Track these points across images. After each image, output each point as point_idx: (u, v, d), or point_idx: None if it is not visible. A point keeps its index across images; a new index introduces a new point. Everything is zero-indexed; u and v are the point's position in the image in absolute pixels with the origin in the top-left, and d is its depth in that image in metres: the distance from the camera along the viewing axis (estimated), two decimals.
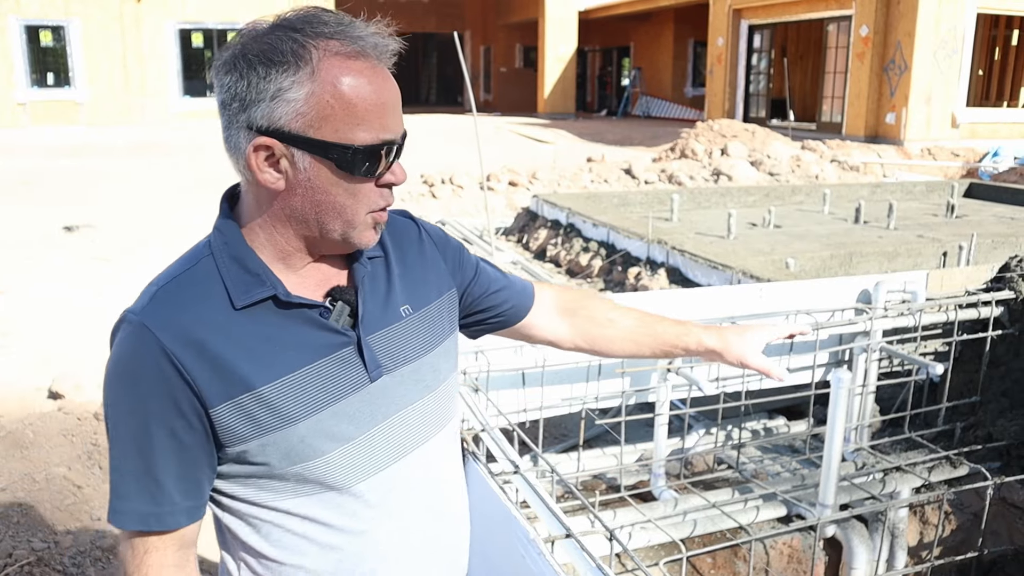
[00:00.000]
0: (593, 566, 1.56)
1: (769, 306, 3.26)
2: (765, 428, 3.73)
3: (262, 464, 1.12)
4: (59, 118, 21.11)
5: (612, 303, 1.58)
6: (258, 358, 1.09)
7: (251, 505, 1.16)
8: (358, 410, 1.16)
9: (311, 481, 1.14)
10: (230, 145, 1.09)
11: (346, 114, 1.05)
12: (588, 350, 1.57)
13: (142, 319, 1.07)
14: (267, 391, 1.09)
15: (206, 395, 1.07)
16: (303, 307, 1.13)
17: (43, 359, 4.92)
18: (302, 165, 1.07)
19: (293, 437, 1.11)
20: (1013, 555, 3.30)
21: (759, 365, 1.51)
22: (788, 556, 3.07)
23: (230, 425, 1.09)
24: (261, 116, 1.04)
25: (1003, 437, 3.45)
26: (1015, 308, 3.53)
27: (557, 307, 1.54)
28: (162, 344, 1.05)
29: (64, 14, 20.93)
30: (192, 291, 1.10)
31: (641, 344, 1.55)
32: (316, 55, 1.04)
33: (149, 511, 1.09)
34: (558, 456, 3.45)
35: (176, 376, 1.05)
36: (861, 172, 13.37)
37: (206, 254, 1.13)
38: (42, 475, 3.35)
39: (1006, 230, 7.51)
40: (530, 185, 11.68)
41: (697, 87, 26.88)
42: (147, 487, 1.09)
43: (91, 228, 8.96)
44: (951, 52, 15.95)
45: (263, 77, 1.03)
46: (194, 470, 1.11)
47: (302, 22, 1.06)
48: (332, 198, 1.09)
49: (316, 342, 1.13)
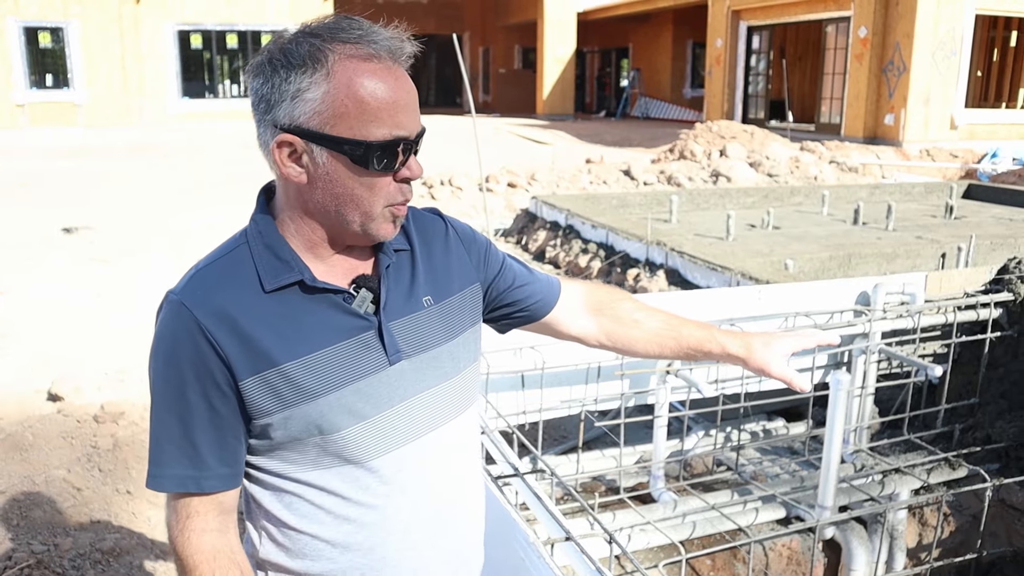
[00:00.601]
0: (592, 568, 1.56)
1: (768, 308, 3.27)
2: (764, 430, 3.73)
3: (284, 436, 1.20)
4: (58, 119, 21.11)
5: (639, 303, 1.61)
6: (284, 337, 1.18)
7: (274, 476, 1.25)
8: (376, 390, 1.23)
9: (329, 454, 1.22)
10: (261, 142, 1.20)
11: (360, 112, 1.14)
12: (612, 348, 1.60)
13: (181, 298, 1.17)
14: (291, 367, 1.18)
15: (236, 368, 1.16)
16: (328, 292, 1.21)
17: (42, 361, 4.92)
18: (321, 160, 1.16)
19: (314, 412, 1.19)
20: (1012, 556, 3.30)
21: (782, 374, 1.50)
22: (787, 558, 3.07)
23: (256, 398, 1.18)
24: (284, 115, 1.14)
25: (1002, 439, 3.45)
26: (1014, 310, 3.54)
27: (584, 305, 1.58)
28: (198, 320, 1.15)
29: (63, 15, 20.93)
30: (227, 274, 1.20)
31: (664, 347, 1.57)
32: (332, 58, 1.13)
33: (187, 474, 1.19)
34: (557, 458, 3.45)
35: (210, 349, 1.15)
36: (860, 173, 13.38)
37: (242, 242, 1.22)
38: (41, 477, 3.35)
39: (1005, 231, 7.52)
40: (529, 186, 11.68)
41: (696, 88, 26.89)
42: (185, 452, 1.18)
43: (90, 230, 8.96)
44: (950, 53, 15.96)
45: (284, 79, 1.13)
46: (229, 438, 1.20)
47: (321, 28, 1.15)
48: (349, 191, 1.17)
49: (339, 325, 1.21)
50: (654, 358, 1.63)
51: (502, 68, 31.45)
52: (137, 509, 3.33)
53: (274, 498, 1.26)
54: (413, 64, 1.22)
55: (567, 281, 1.60)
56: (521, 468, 2.00)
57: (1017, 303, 3.53)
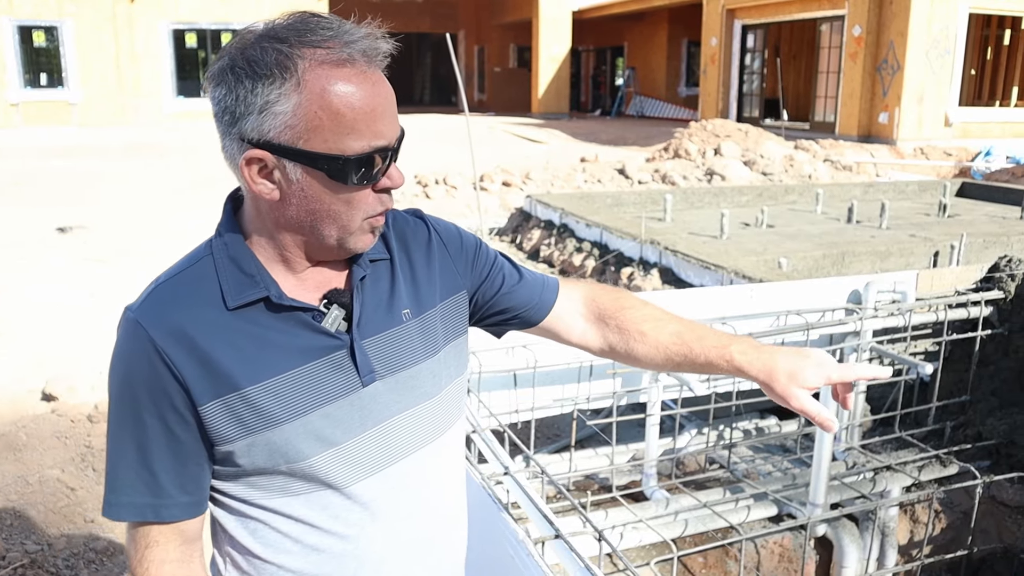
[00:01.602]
0: (582, 566, 1.57)
1: (760, 307, 3.28)
2: (756, 428, 3.75)
3: (248, 464, 1.13)
4: (52, 119, 21.07)
5: (648, 311, 1.43)
6: (247, 358, 1.10)
7: (240, 502, 1.17)
8: (347, 414, 1.15)
9: (298, 481, 1.15)
10: (227, 156, 1.11)
11: (335, 124, 1.04)
12: (617, 359, 1.48)
13: (136, 316, 1.10)
14: (253, 391, 1.10)
15: (195, 392, 1.09)
16: (296, 310, 1.13)
17: (36, 361, 4.92)
18: (294, 176, 1.07)
19: (277, 439, 1.11)
20: (1002, 553, 3.32)
21: (802, 408, 1.24)
22: (779, 555, 3.08)
23: (217, 424, 1.10)
24: (251, 129, 1.05)
25: (992, 436, 3.47)
26: (1004, 308, 3.56)
27: (587, 311, 1.46)
28: (153, 340, 1.08)
29: (57, 14, 20.89)
30: (188, 290, 1.12)
31: (671, 362, 1.40)
32: (302, 65, 1.03)
33: (145, 502, 1.12)
34: (550, 457, 3.46)
35: (167, 372, 1.08)
36: (854, 172, 13.41)
37: (206, 254, 1.14)
38: (35, 477, 3.35)
39: (998, 229, 7.55)
40: (524, 185, 11.69)
41: (691, 87, 26.92)
42: (142, 479, 1.11)
43: (84, 229, 8.95)
44: (943, 52, 16.00)
45: (250, 90, 1.03)
46: (190, 464, 1.12)
47: (287, 31, 1.05)
48: (327, 207, 1.09)
49: (308, 345, 1.13)
50: (665, 371, 1.50)
51: (497, 67, 31.45)
52: None
53: (239, 524, 1.18)
54: (408, 63, 1.14)
55: (568, 283, 1.48)
56: (512, 467, 2.01)
57: (1007, 301, 3.55)
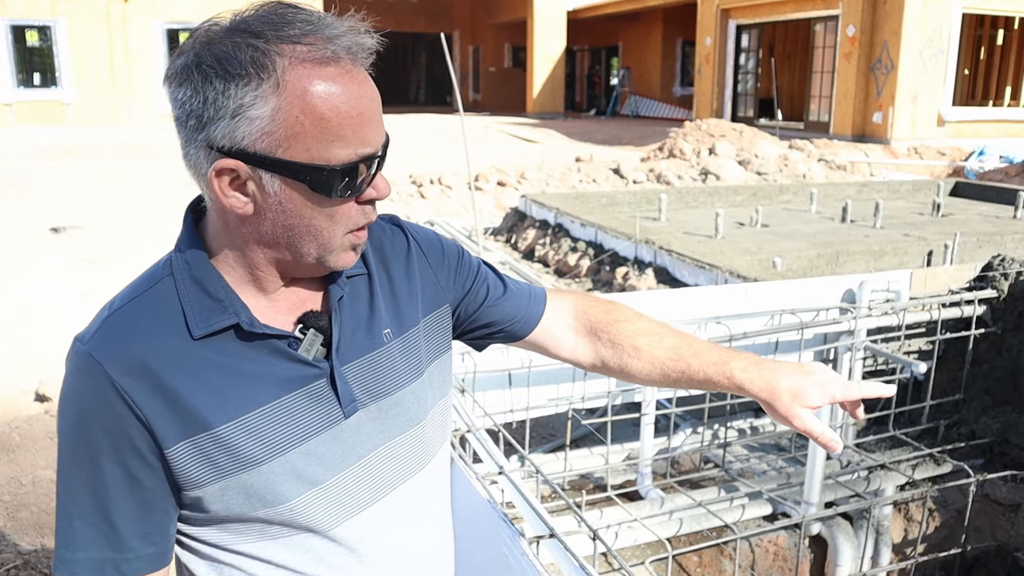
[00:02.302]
0: (576, 565, 1.57)
1: (754, 306, 3.29)
2: (751, 427, 3.75)
3: (221, 509, 1.02)
4: (45, 118, 21.01)
5: (642, 324, 1.34)
6: (217, 394, 0.98)
7: (213, 547, 1.06)
8: (329, 450, 1.05)
9: (276, 525, 1.04)
10: (191, 164, 0.97)
11: (318, 131, 0.93)
12: (610, 375, 1.39)
13: (89, 349, 0.97)
14: (226, 431, 0.98)
15: (160, 433, 0.96)
16: (269, 337, 1.01)
17: (30, 362, 4.90)
18: (271, 188, 0.95)
19: (255, 481, 1.00)
20: (996, 551, 3.33)
21: (807, 429, 1.18)
22: (774, 554, 3.09)
23: (186, 467, 0.98)
24: (222, 136, 0.92)
25: (986, 434, 3.48)
26: (997, 307, 3.57)
27: (577, 324, 1.37)
28: (111, 377, 0.95)
29: (50, 14, 20.83)
30: (147, 317, 0.98)
31: (669, 379, 1.31)
32: (281, 64, 0.91)
33: (104, 557, 0.99)
34: (545, 456, 3.46)
35: (128, 412, 0.95)
36: (848, 171, 13.44)
37: (165, 274, 1.01)
38: (28, 478, 3.34)
39: (991, 229, 7.57)
40: (519, 185, 11.69)
41: (685, 86, 26.94)
42: (100, 531, 0.98)
43: (78, 229, 8.92)
44: (937, 52, 16.04)
45: (221, 92, 0.90)
46: (154, 512, 1.00)
47: (262, 24, 0.92)
48: (307, 222, 0.97)
49: (283, 375, 1.02)
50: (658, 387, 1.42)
51: (492, 67, 31.45)
52: None
53: (211, 570, 1.07)
54: (403, 62, 1.00)
55: (557, 294, 1.39)
56: (507, 467, 2.01)
57: (1000, 300, 3.56)
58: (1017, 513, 3.25)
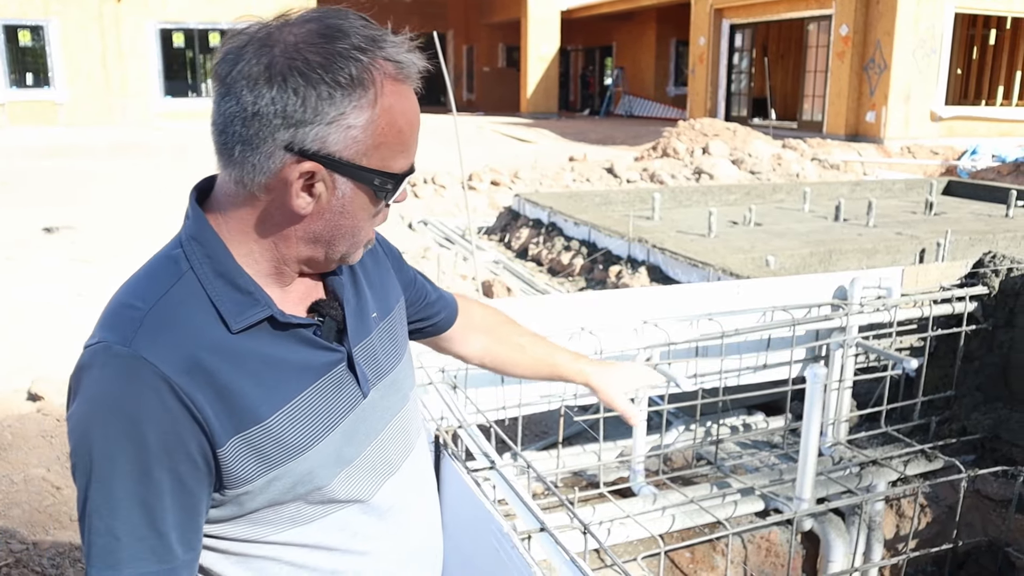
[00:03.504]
0: (567, 559, 1.58)
1: (747, 303, 3.29)
2: (743, 424, 3.76)
3: (262, 502, 1.03)
4: (38, 119, 20.95)
5: (521, 328, 1.64)
6: (263, 385, 1.00)
7: (240, 542, 1.06)
8: (356, 429, 1.10)
9: (312, 507, 1.07)
10: (249, 162, 0.97)
11: (395, 142, 1.00)
12: (490, 368, 1.62)
13: (137, 351, 0.93)
14: (274, 421, 1.00)
15: (216, 432, 0.96)
16: (298, 326, 1.05)
17: (23, 361, 4.89)
18: (342, 191, 1.00)
19: (301, 469, 1.03)
20: (987, 547, 3.34)
21: (624, 409, 1.61)
22: (766, 550, 3.10)
23: (236, 465, 0.99)
24: (312, 139, 0.95)
25: (977, 430, 3.50)
26: (988, 303, 3.58)
27: (476, 324, 1.57)
28: (167, 378, 0.93)
29: (43, 13, 20.78)
30: (183, 313, 0.97)
31: (539, 373, 1.63)
32: (379, 80, 0.97)
33: (152, 570, 0.96)
34: (537, 454, 3.46)
35: (184, 414, 0.94)
36: (841, 170, 13.47)
37: (185, 270, 1.00)
38: (20, 476, 3.34)
39: (983, 227, 7.60)
40: (512, 184, 11.69)
41: (679, 86, 26.98)
42: (149, 545, 0.96)
43: (71, 229, 8.90)
44: (930, 51, 16.09)
45: (325, 99, 0.94)
46: (195, 517, 0.99)
47: (364, 40, 0.97)
48: (355, 223, 1.04)
49: (312, 362, 1.06)
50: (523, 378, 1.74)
51: (486, 66, 31.45)
52: None
53: (239, 567, 1.07)
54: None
55: (463, 299, 1.57)
56: (499, 463, 2.01)
57: (991, 297, 3.57)
58: (1008, 508, 3.26)
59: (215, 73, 0.98)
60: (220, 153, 1.00)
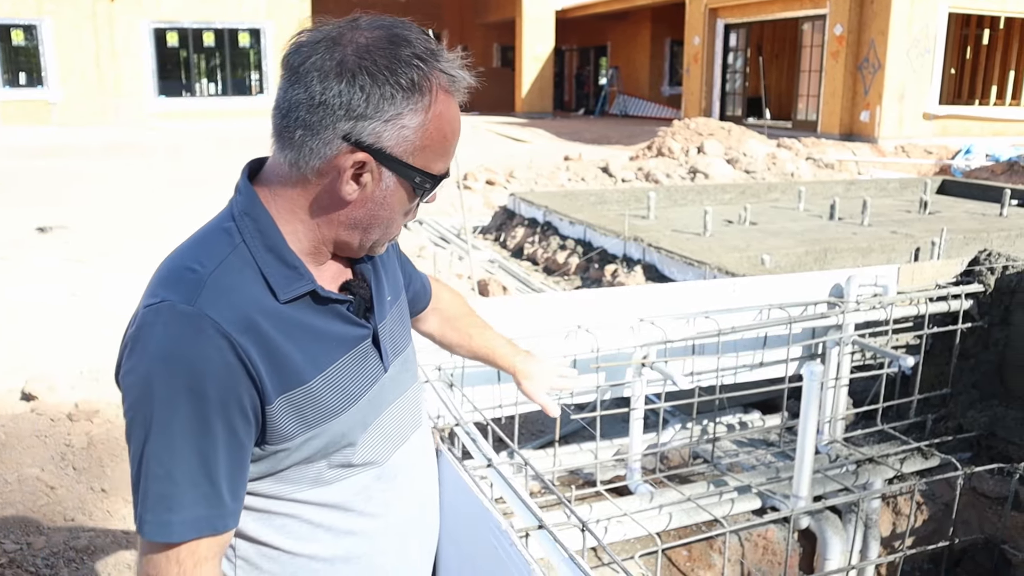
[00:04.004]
0: (566, 557, 1.57)
1: (743, 301, 3.29)
2: (740, 422, 3.76)
3: (295, 459, 1.13)
4: (31, 118, 20.86)
5: (476, 319, 1.78)
6: (306, 351, 1.10)
7: (265, 499, 1.15)
8: (378, 397, 1.22)
9: (334, 469, 1.17)
10: (308, 146, 1.07)
11: (439, 146, 1.11)
12: (438, 344, 1.77)
13: (201, 308, 1.02)
14: (316, 385, 1.11)
15: (266, 390, 1.06)
16: (335, 302, 1.16)
17: (16, 361, 4.87)
18: (386, 184, 1.11)
19: (334, 431, 1.14)
20: (983, 544, 3.34)
21: (542, 402, 1.77)
22: (763, 548, 3.09)
23: (279, 422, 1.09)
24: (369, 133, 1.06)
25: (973, 428, 3.50)
26: (984, 301, 3.59)
27: (439, 307, 1.70)
28: (228, 335, 1.02)
29: (36, 12, 20.69)
30: (240, 280, 1.07)
31: (479, 358, 1.79)
32: (435, 88, 1.09)
33: (203, 516, 1.04)
34: (534, 452, 3.46)
35: (241, 369, 1.04)
36: (836, 169, 13.49)
37: (237, 241, 1.10)
38: (14, 476, 3.32)
39: (977, 226, 7.61)
40: (507, 184, 11.69)
41: (674, 86, 27.00)
42: (203, 492, 1.04)
43: (65, 229, 8.87)
44: (924, 51, 16.12)
45: (387, 98, 1.05)
46: (243, 469, 1.09)
47: (425, 51, 1.09)
48: (390, 214, 1.14)
49: (346, 335, 1.17)
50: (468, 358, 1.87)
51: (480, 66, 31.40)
52: (112, 507, 3.30)
53: (261, 523, 1.16)
54: None
55: (431, 280, 1.69)
56: (496, 460, 2.00)
57: (987, 294, 3.58)
58: (1004, 506, 3.27)
59: (286, 62, 1.08)
60: (279, 135, 1.10)
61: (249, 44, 23.03)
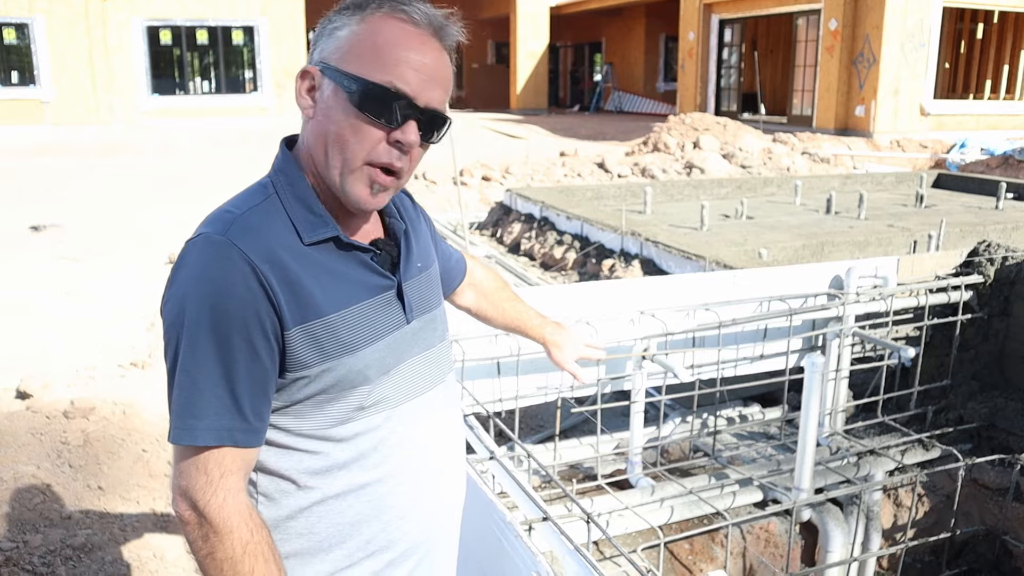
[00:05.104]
0: (571, 548, 1.55)
1: (743, 293, 3.28)
2: (740, 415, 3.75)
3: (312, 391, 1.21)
4: (24, 117, 20.74)
5: (508, 293, 1.90)
6: (326, 289, 1.20)
7: (284, 432, 1.23)
8: (398, 345, 1.29)
9: (350, 408, 1.24)
10: (296, 89, 1.27)
11: (372, 54, 1.18)
12: (475, 317, 1.87)
13: (230, 238, 1.15)
14: (335, 319, 1.20)
15: (285, 316, 1.16)
16: (358, 250, 1.26)
17: (10, 359, 4.83)
18: (326, 92, 1.21)
19: (352, 364, 1.22)
20: (984, 535, 3.34)
21: (571, 370, 1.92)
22: (765, 540, 3.08)
23: (299, 349, 1.18)
24: (319, 50, 1.23)
25: (973, 419, 3.49)
26: (984, 292, 3.58)
27: (474, 281, 1.80)
28: (252, 262, 1.14)
29: (28, 11, 20.57)
30: (267, 221, 1.20)
31: (511, 328, 1.91)
32: (371, 9, 1.21)
33: (226, 425, 1.14)
34: (535, 446, 3.44)
35: (262, 294, 1.14)
36: (831, 164, 13.49)
37: (270, 192, 1.23)
38: (10, 474, 3.29)
39: (974, 219, 7.61)
40: (503, 180, 11.66)
41: (669, 82, 26.97)
42: (224, 402, 1.14)
43: (58, 228, 8.82)
44: (918, 45, 16.12)
45: (330, 20, 1.23)
46: (264, 391, 1.18)
47: None
48: (338, 128, 1.20)
49: (368, 282, 1.26)
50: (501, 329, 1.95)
51: (475, 63, 31.36)
52: (108, 505, 3.28)
53: (279, 456, 1.24)
54: None
55: (468, 259, 1.80)
56: (498, 453, 1.98)
57: (987, 285, 3.57)
58: (1005, 497, 3.26)
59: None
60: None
61: (243, 42, 22.92)
